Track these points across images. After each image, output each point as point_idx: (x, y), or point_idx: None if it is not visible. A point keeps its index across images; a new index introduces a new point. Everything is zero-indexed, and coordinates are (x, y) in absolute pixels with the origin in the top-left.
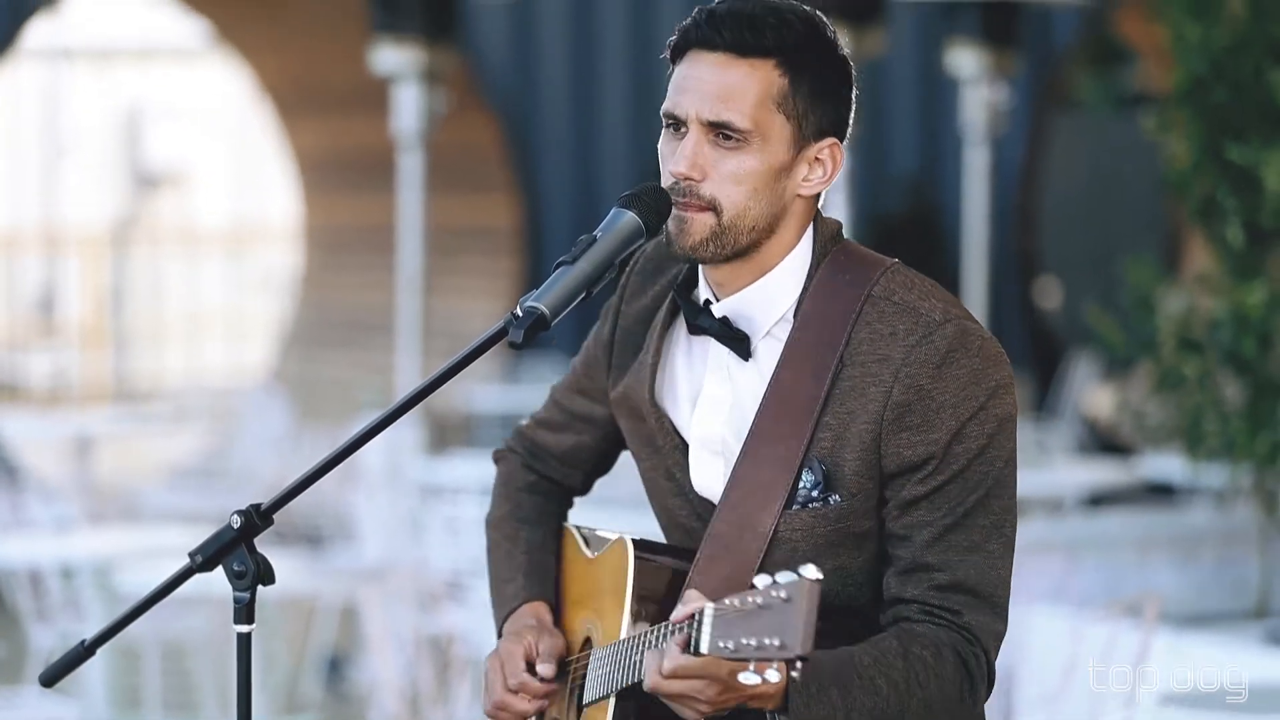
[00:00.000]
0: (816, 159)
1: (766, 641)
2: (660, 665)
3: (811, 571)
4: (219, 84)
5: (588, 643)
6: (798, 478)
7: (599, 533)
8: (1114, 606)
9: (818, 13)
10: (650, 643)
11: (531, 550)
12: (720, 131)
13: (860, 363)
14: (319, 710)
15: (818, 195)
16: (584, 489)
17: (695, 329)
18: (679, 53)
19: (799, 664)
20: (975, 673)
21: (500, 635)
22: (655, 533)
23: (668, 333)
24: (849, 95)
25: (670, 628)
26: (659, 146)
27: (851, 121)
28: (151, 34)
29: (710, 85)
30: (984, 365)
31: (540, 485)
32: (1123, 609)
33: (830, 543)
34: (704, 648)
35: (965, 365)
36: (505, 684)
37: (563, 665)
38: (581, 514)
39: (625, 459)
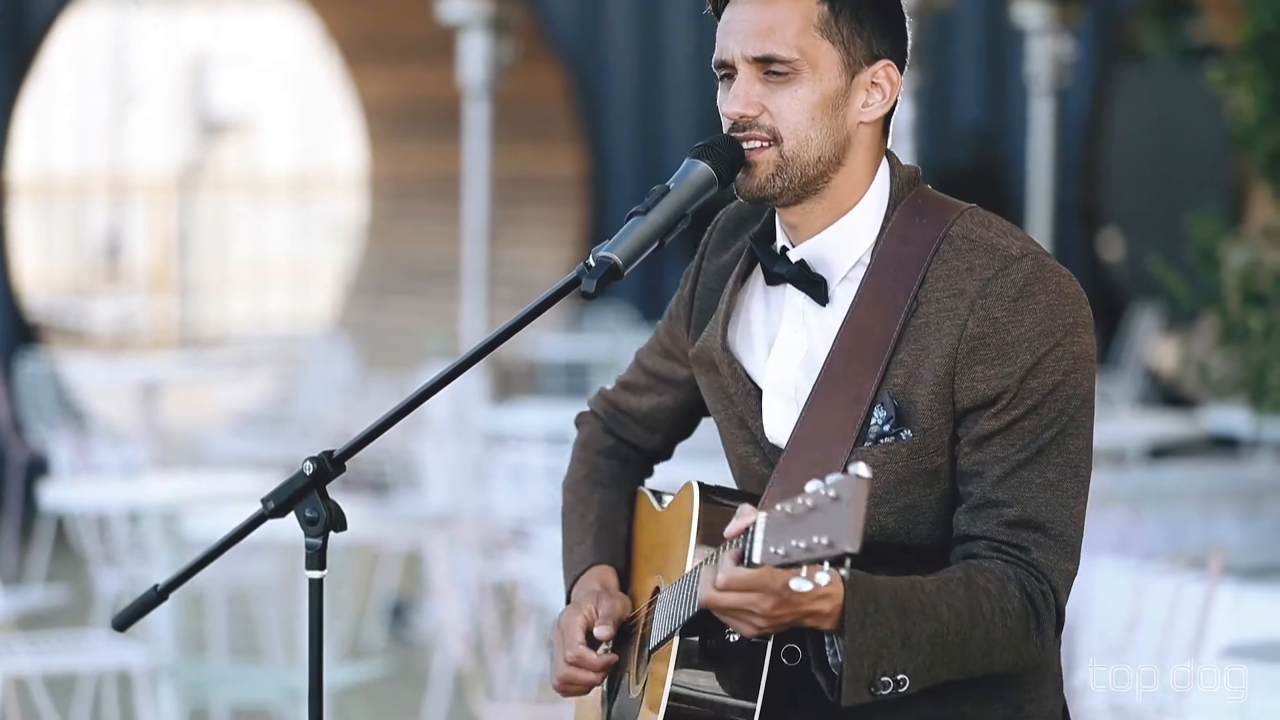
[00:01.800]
0: (873, 83)
1: (816, 540)
2: (714, 579)
3: (861, 469)
4: (285, 32)
5: (656, 593)
6: (869, 415)
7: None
8: (1178, 559)
9: None
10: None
11: (603, 514)
12: (768, 67)
13: (935, 299)
14: (383, 655)
15: (886, 125)
16: (664, 453)
17: (772, 277)
18: (721, 4)
19: (847, 561)
20: (1042, 610)
21: (569, 599)
22: (728, 480)
23: (744, 283)
24: (897, 17)
25: (724, 544)
26: (717, 100)
27: (909, 45)
28: None
29: (751, 23)
30: (1061, 301)
31: (618, 450)
32: (1187, 562)
33: (901, 479)
34: (756, 557)
35: (1042, 299)
36: (565, 656)
37: (630, 623)
38: (663, 468)
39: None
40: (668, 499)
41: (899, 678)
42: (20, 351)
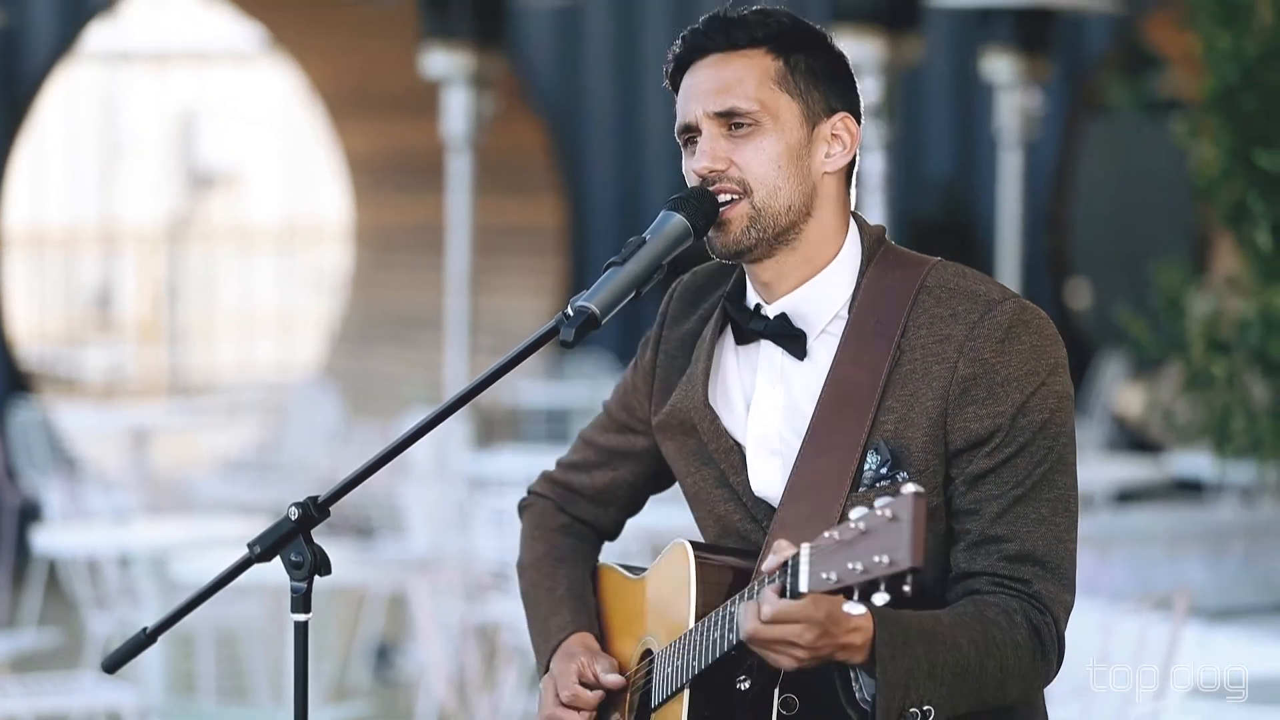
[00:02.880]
0: (833, 134)
1: (875, 560)
2: (759, 611)
3: (910, 486)
4: (272, 87)
5: (645, 656)
6: (861, 461)
7: (635, 566)
8: (1144, 601)
9: (799, 15)
10: (723, 617)
11: (573, 586)
12: (731, 121)
13: (920, 346)
14: (368, 697)
15: (849, 179)
16: (614, 531)
17: (745, 336)
18: (678, 75)
19: (909, 578)
20: (1047, 641)
21: (546, 669)
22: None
23: (717, 344)
24: (847, 74)
25: (763, 578)
26: (683, 168)
27: (861, 104)
28: (207, 38)
29: (710, 83)
30: (1044, 342)
31: (573, 527)
32: (1153, 603)
33: None
34: (804, 586)
35: (1027, 340)
36: (557, 698)
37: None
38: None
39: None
40: (642, 569)
41: (925, 708)
42: (13, 400)
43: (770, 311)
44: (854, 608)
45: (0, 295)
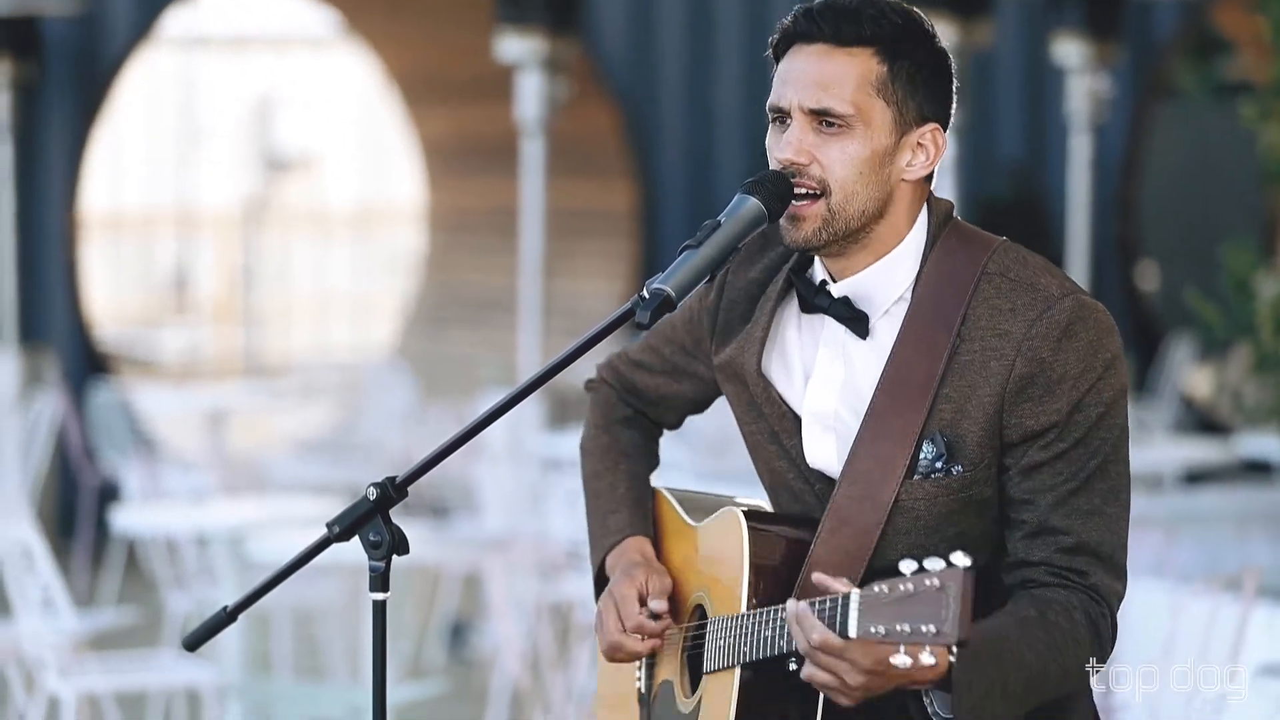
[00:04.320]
0: (919, 144)
1: (923, 629)
2: (809, 639)
3: (961, 559)
4: (348, 72)
5: (698, 610)
6: (918, 449)
7: (693, 495)
8: (1213, 581)
9: (914, 8)
10: (778, 621)
11: (633, 485)
12: (823, 119)
13: (980, 337)
14: (443, 675)
15: (928, 179)
16: (676, 425)
17: (812, 308)
18: (781, 50)
19: (955, 649)
20: (1104, 633)
21: (600, 563)
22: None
23: (780, 308)
24: (948, 83)
25: (812, 604)
26: (767, 142)
27: (954, 109)
28: (283, 24)
29: (811, 75)
30: (1100, 337)
31: (636, 420)
32: (1222, 583)
33: (953, 511)
34: (852, 632)
35: (1084, 338)
36: (620, 624)
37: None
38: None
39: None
40: (693, 507)
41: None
42: (92, 381)
43: (835, 291)
44: (900, 660)
45: (79, 277)
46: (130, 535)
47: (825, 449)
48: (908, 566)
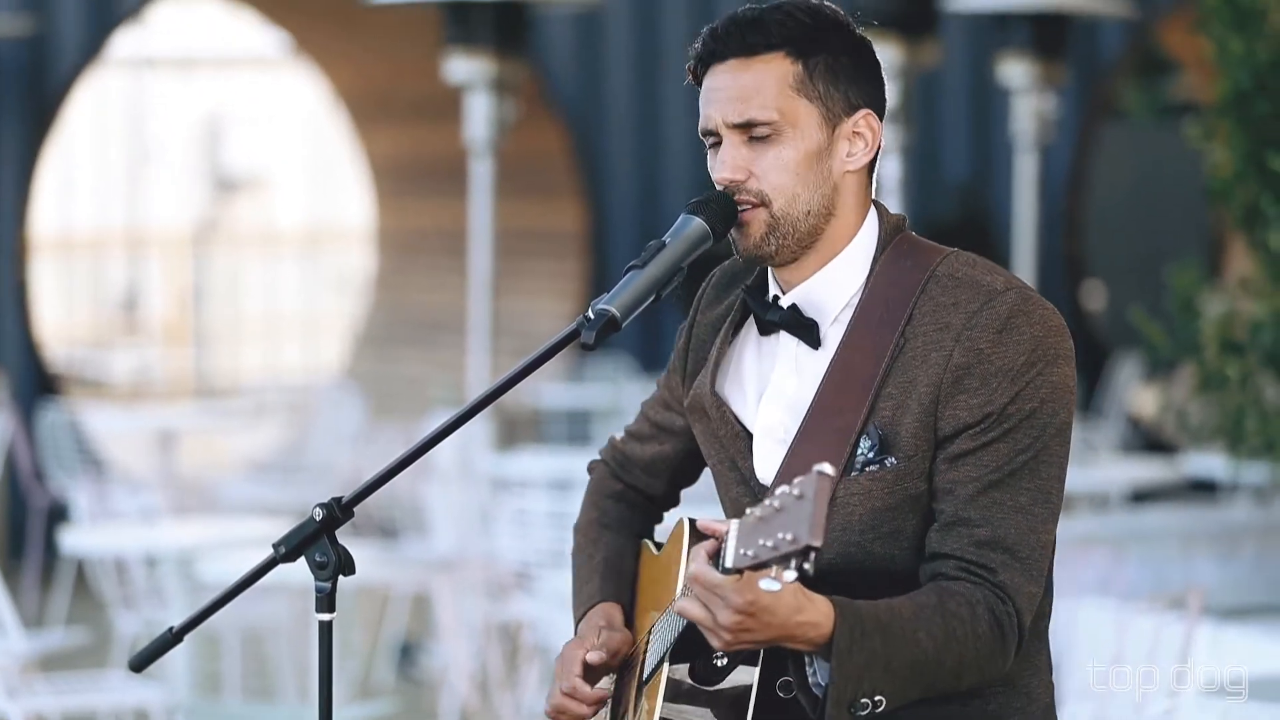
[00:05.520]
0: (854, 133)
1: (781, 537)
2: (690, 569)
3: (825, 467)
4: (296, 92)
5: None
6: (855, 446)
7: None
8: (1158, 600)
9: (823, 2)
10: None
11: (610, 555)
12: (750, 131)
13: (922, 334)
14: (392, 695)
15: (871, 170)
16: (671, 498)
17: (766, 326)
18: (700, 74)
19: (811, 555)
20: (1008, 632)
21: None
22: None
23: (737, 334)
24: (873, 67)
25: (695, 548)
26: (708, 167)
27: (886, 93)
28: (232, 44)
29: (729, 90)
30: (1044, 333)
31: (625, 494)
32: (1167, 602)
33: (887, 506)
34: (728, 561)
35: (1026, 332)
36: (560, 686)
37: (630, 658)
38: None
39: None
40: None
41: (876, 699)
42: (41, 401)
43: (784, 302)
44: (769, 584)
45: (28, 298)
46: (79, 555)
47: (774, 461)
48: (780, 489)
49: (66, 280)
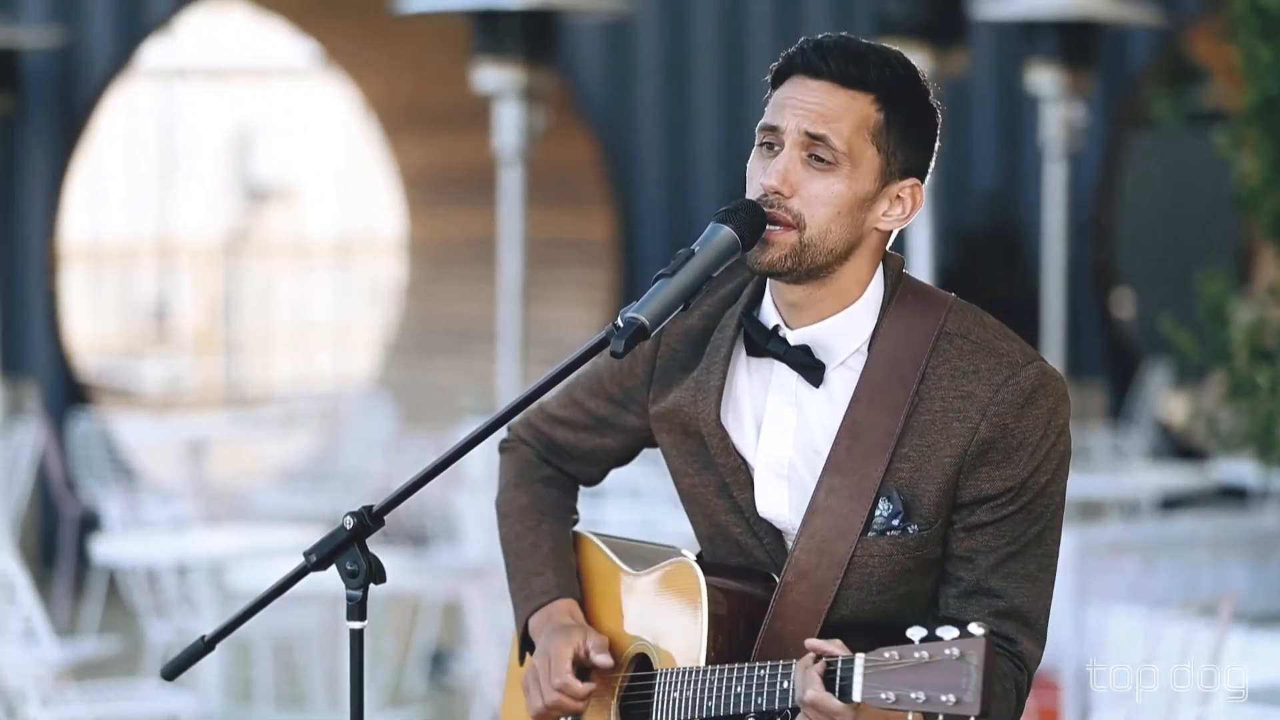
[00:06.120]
0: (898, 196)
1: (941, 698)
2: (805, 694)
3: (977, 629)
4: (327, 102)
5: (641, 661)
6: (874, 506)
7: (622, 542)
8: (1189, 606)
9: (914, 63)
10: (755, 679)
11: (556, 545)
12: (815, 151)
13: (940, 397)
14: (423, 703)
15: (890, 232)
16: (596, 482)
17: (759, 350)
18: (781, 76)
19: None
20: (1023, 698)
21: (524, 628)
22: (649, 528)
23: (732, 355)
24: (934, 142)
25: (807, 659)
26: (748, 165)
27: (931, 168)
28: (262, 54)
29: (813, 105)
30: (1056, 405)
31: (556, 479)
32: (1197, 609)
33: (906, 569)
34: (856, 695)
35: (1044, 405)
36: (551, 683)
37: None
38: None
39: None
40: (633, 556)
41: None
42: (72, 411)
43: (791, 338)
44: None
45: (59, 308)
46: (111, 565)
47: (777, 498)
48: (916, 634)
49: (97, 290)
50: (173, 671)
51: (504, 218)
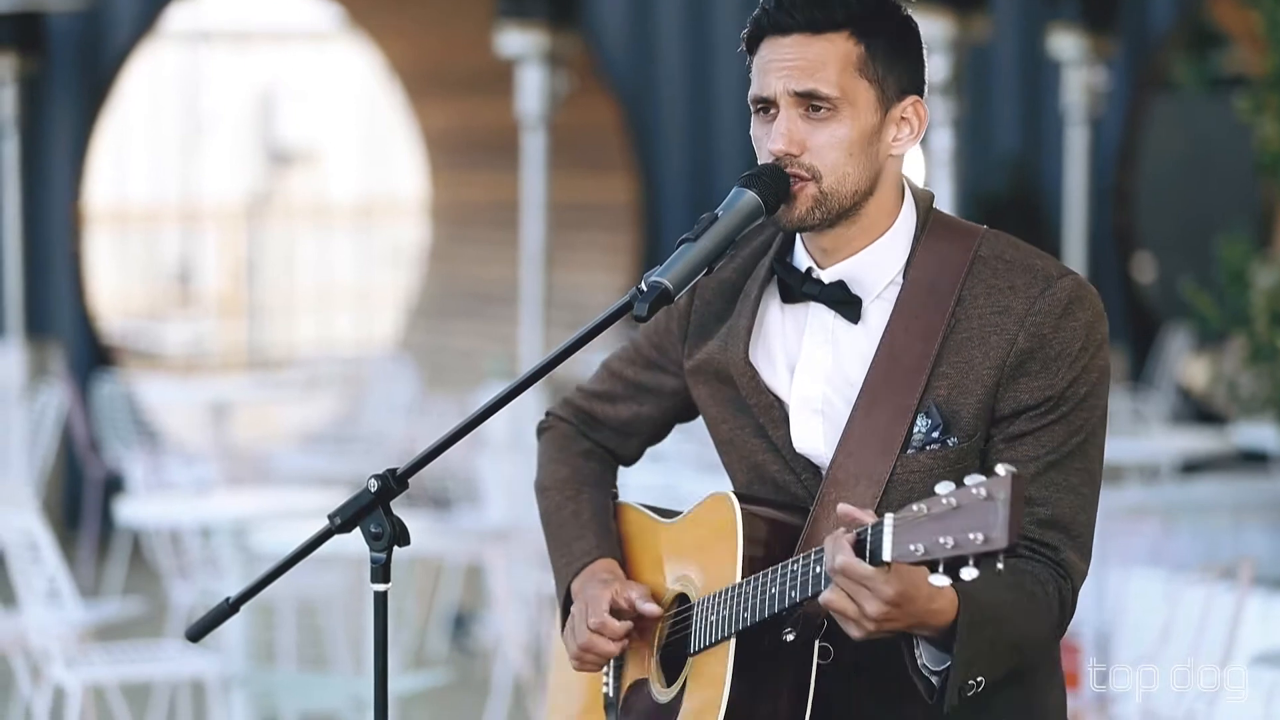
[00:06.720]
0: (902, 118)
1: (970, 537)
2: (834, 561)
3: (1004, 469)
4: (350, 65)
5: (680, 600)
6: (912, 424)
7: (659, 509)
8: (1209, 570)
9: None
10: (785, 575)
11: (598, 512)
12: (809, 104)
13: (978, 316)
14: (445, 665)
15: (903, 156)
16: (635, 458)
17: (794, 296)
18: (754, 42)
19: (1002, 556)
20: (1069, 608)
21: (567, 594)
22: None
23: (762, 299)
24: (920, 51)
25: (838, 532)
26: (751, 133)
27: (927, 76)
28: (286, 17)
29: (793, 62)
30: (1095, 319)
31: (595, 452)
32: (1218, 572)
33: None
34: (887, 554)
35: (1081, 317)
36: (587, 624)
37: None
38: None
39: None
40: (672, 511)
41: (979, 679)
42: (97, 373)
43: (825, 277)
44: (940, 580)
45: (84, 270)
46: (135, 526)
47: (813, 433)
48: (944, 488)
49: (121, 252)
50: (197, 633)
51: (526, 181)
